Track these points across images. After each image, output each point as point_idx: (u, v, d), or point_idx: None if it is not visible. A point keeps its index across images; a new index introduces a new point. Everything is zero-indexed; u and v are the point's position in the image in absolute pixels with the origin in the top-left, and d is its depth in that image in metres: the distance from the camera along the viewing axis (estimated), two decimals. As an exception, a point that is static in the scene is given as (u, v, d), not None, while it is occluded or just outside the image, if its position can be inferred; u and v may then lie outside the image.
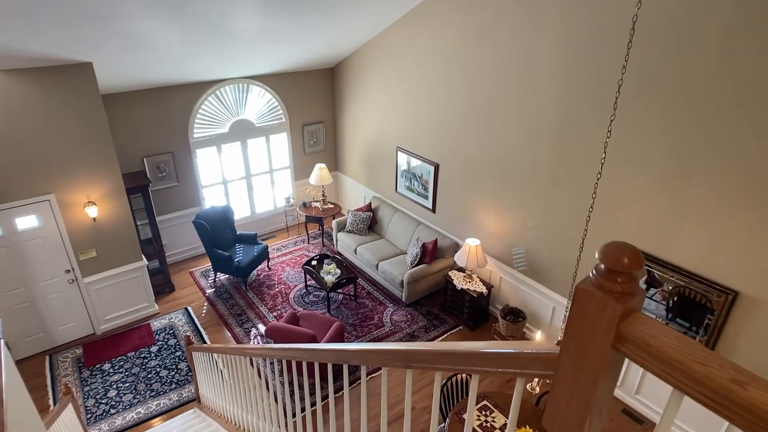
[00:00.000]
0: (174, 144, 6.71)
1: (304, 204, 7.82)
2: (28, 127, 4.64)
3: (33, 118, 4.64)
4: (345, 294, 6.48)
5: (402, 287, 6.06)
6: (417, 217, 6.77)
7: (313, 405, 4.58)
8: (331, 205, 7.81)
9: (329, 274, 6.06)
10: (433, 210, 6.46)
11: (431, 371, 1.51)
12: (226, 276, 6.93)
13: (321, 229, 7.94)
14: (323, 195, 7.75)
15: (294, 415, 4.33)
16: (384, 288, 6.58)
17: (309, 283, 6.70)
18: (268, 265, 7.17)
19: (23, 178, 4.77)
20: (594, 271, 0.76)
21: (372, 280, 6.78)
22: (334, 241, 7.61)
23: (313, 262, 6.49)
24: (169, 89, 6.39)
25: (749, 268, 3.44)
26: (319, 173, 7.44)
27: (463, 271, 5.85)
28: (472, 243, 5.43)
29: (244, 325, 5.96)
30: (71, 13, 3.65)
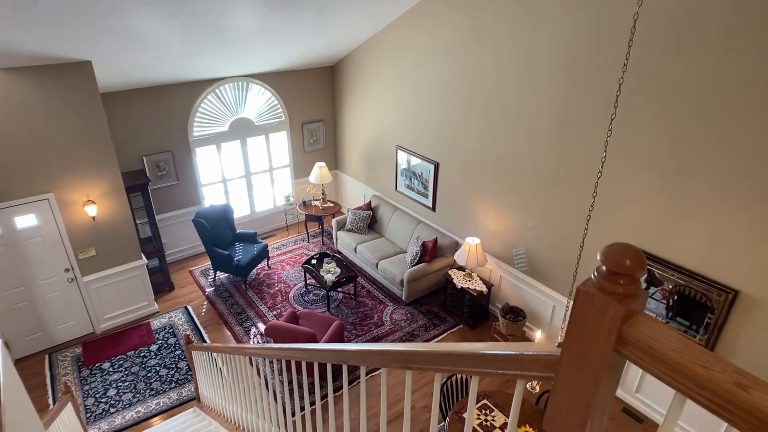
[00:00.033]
0: (173, 142, 6.70)
1: (304, 203, 7.81)
2: (28, 126, 4.63)
3: (32, 117, 4.63)
4: (345, 293, 6.48)
5: (402, 286, 6.05)
6: (417, 215, 6.77)
7: (313, 404, 4.58)
8: (331, 204, 7.81)
9: (329, 272, 6.06)
10: (433, 209, 6.45)
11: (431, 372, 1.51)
12: (226, 275, 6.93)
13: (321, 227, 7.94)
14: (323, 193, 7.74)
15: (293, 415, 4.34)
16: (384, 287, 6.57)
17: (309, 281, 6.70)
18: (267, 264, 7.17)
19: (22, 177, 4.76)
20: (596, 273, 0.76)
21: (372, 278, 6.78)
22: (333, 240, 7.61)
23: (313, 261, 6.48)
24: (169, 88, 6.38)
25: (750, 267, 3.43)
26: (318, 172, 7.44)
27: (463, 270, 5.85)
28: (472, 242, 5.43)
29: (244, 324, 5.96)
30: (70, 12, 3.64)
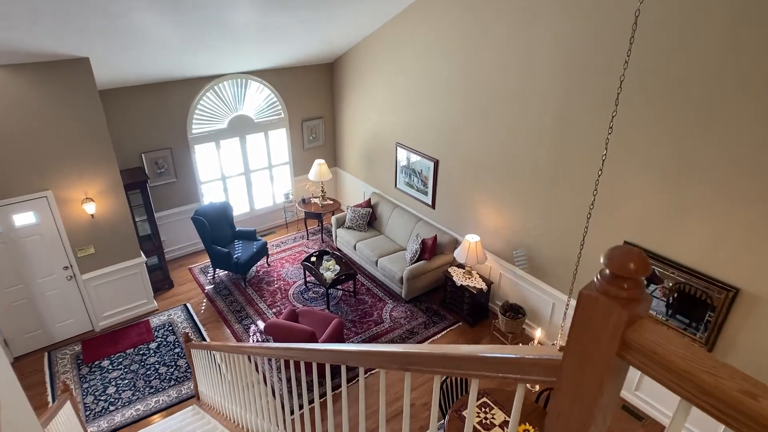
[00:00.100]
0: (172, 140, 6.67)
1: (304, 200, 7.80)
2: (25, 123, 4.61)
3: (30, 114, 4.60)
4: (344, 290, 6.47)
5: (401, 283, 6.04)
6: (416, 213, 6.75)
7: (312, 402, 4.58)
8: (331, 201, 7.79)
9: (328, 270, 6.04)
10: (433, 206, 6.43)
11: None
12: (225, 272, 6.91)
13: (320, 225, 7.92)
14: (322, 191, 7.72)
15: (292, 413, 4.33)
16: (383, 284, 6.56)
17: (308, 279, 6.69)
18: (267, 262, 7.16)
19: (20, 175, 4.74)
20: (599, 276, 0.74)
21: (371, 276, 6.77)
22: (333, 238, 7.59)
23: (313, 259, 6.47)
24: (167, 85, 6.35)
25: (750, 265, 3.42)
26: (318, 169, 7.42)
27: (462, 268, 5.84)
28: (472, 239, 5.41)
29: (243, 322, 5.95)
30: (68, 8, 3.61)
